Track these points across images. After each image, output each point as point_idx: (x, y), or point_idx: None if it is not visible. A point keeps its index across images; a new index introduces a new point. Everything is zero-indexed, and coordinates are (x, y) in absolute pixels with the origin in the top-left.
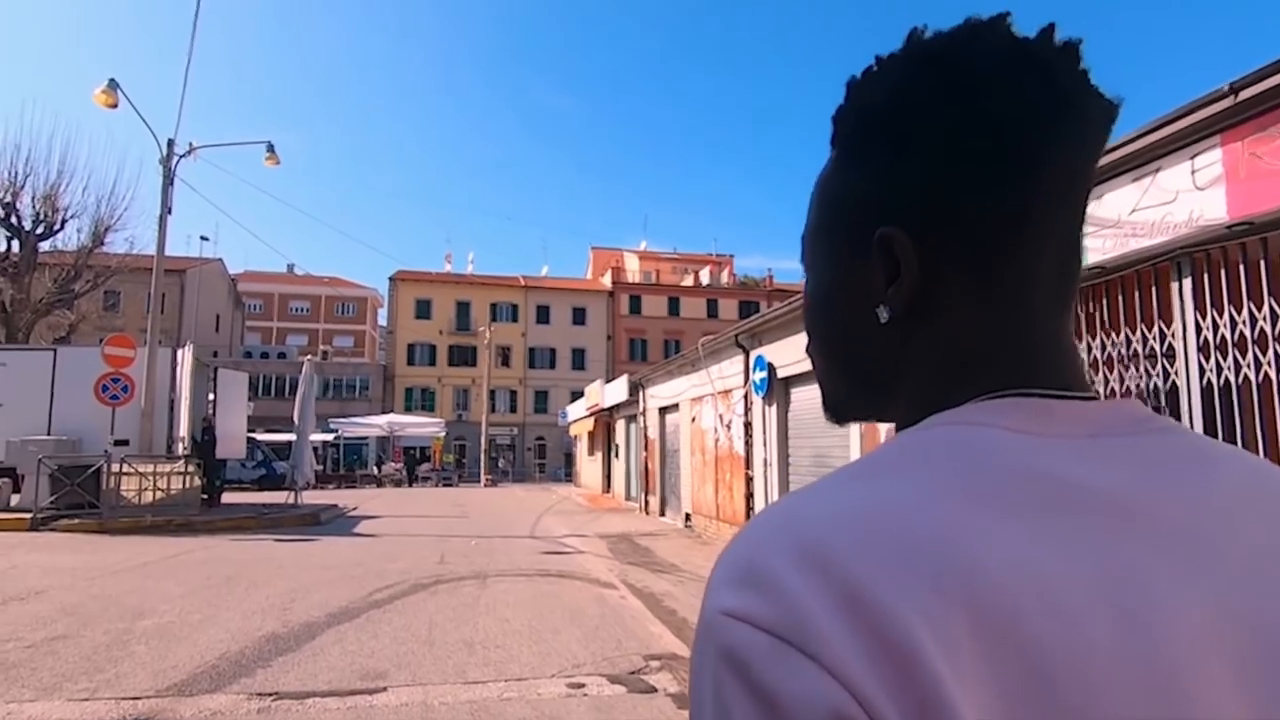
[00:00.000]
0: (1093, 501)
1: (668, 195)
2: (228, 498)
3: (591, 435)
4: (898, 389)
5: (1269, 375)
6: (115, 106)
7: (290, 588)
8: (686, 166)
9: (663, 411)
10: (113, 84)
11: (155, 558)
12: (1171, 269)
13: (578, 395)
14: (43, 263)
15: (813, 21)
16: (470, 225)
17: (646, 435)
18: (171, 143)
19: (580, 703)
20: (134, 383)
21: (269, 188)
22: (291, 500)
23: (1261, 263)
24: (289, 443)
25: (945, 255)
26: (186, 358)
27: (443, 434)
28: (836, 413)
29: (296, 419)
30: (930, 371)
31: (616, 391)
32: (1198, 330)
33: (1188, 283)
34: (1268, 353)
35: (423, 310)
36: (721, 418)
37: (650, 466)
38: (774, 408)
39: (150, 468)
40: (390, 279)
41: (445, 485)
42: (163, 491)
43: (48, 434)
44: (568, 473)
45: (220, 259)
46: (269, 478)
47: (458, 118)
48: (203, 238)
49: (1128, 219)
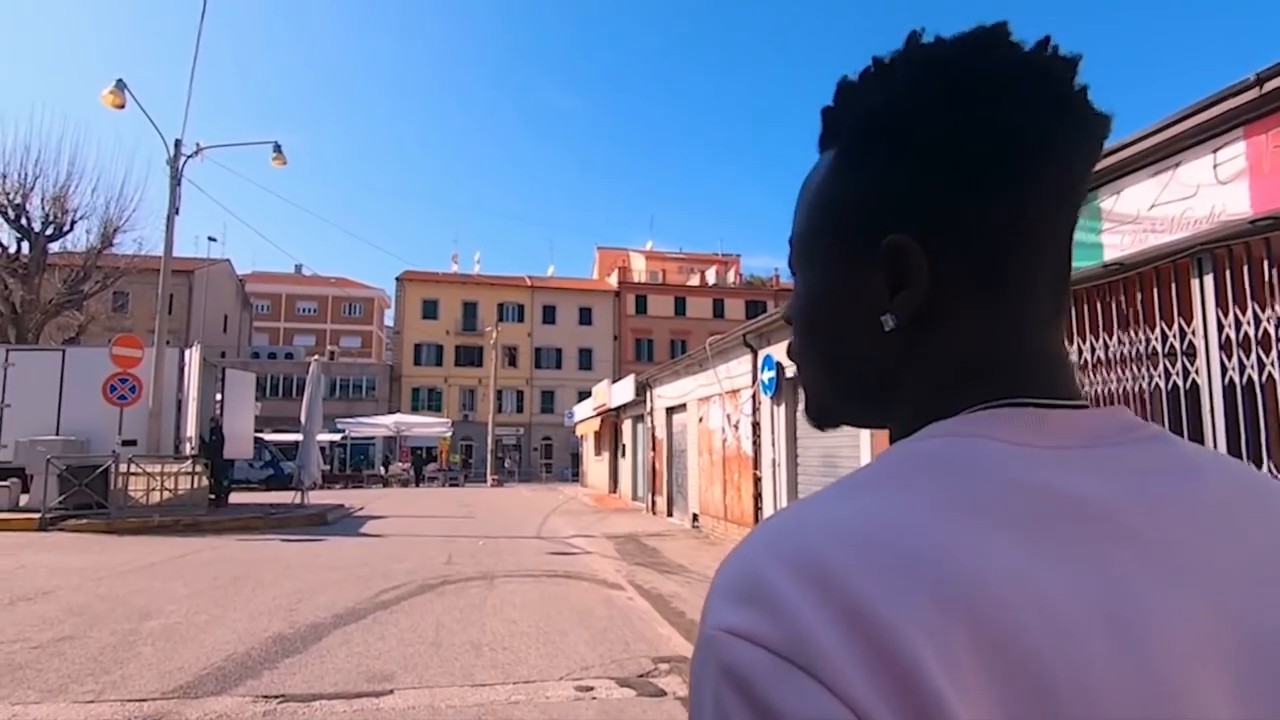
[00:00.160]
0: (1085, 513)
1: (673, 195)
2: (235, 498)
3: (598, 435)
4: (894, 397)
5: None
6: (123, 107)
7: (297, 588)
8: (691, 166)
9: (670, 411)
10: (120, 85)
11: (162, 558)
12: (1191, 265)
13: (584, 395)
14: (52, 264)
15: (812, 21)
16: (476, 225)
17: (654, 435)
18: (179, 143)
19: (589, 706)
20: (142, 383)
21: (276, 188)
22: (298, 500)
23: None
24: (296, 443)
25: (951, 263)
26: (194, 358)
27: (449, 434)
28: (821, 418)
29: (304, 419)
30: (930, 380)
31: (623, 391)
32: (1219, 328)
33: (1209, 279)
34: None
35: (429, 310)
36: (729, 418)
37: (657, 467)
38: (782, 408)
39: (158, 468)
40: (397, 279)
41: (452, 485)
42: (170, 491)
43: (56, 434)
44: (574, 473)
45: (228, 260)
46: (276, 477)
47: (463, 118)
48: (210, 238)
49: (1147, 214)
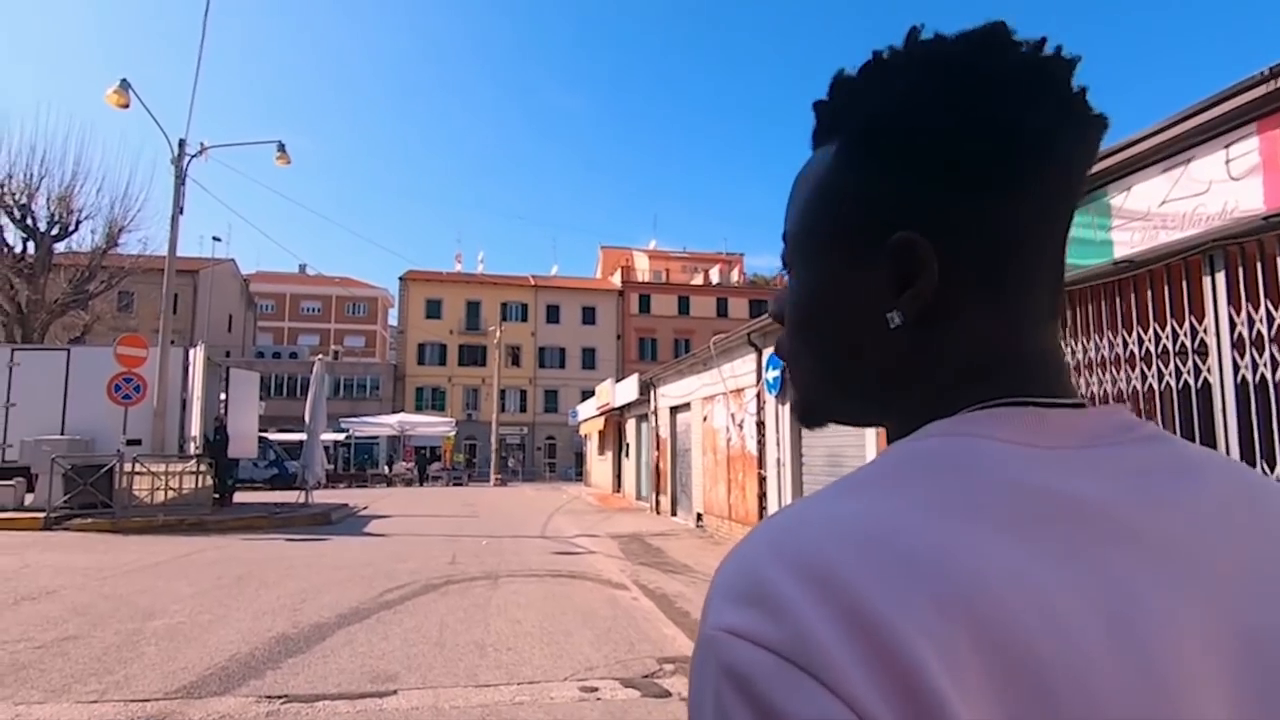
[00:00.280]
0: (1085, 514)
1: (677, 194)
2: (239, 497)
3: (602, 435)
4: (894, 396)
5: None
6: (127, 106)
7: (301, 588)
8: (695, 165)
9: (674, 411)
10: (124, 84)
11: (167, 557)
12: (1203, 262)
13: (588, 394)
14: (58, 264)
15: (813, 21)
16: (480, 225)
17: (658, 434)
18: (183, 142)
19: (594, 707)
20: (146, 382)
21: (281, 188)
22: (303, 500)
23: None
24: (300, 442)
25: (956, 261)
26: (198, 357)
27: (453, 433)
28: (811, 417)
29: (308, 418)
30: (932, 379)
31: (627, 391)
32: (1231, 325)
33: (1220, 276)
34: None
35: (433, 310)
36: (734, 417)
37: (661, 466)
38: (787, 407)
39: (162, 467)
40: (401, 279)
41: (455, 485)
42: (175, 491)
43: (61, 433)
44: (578, 472)
45: (233, 259)
46: (281, 477)
47: (467, 117)
48: (215, 238)
49: (1157, 211)
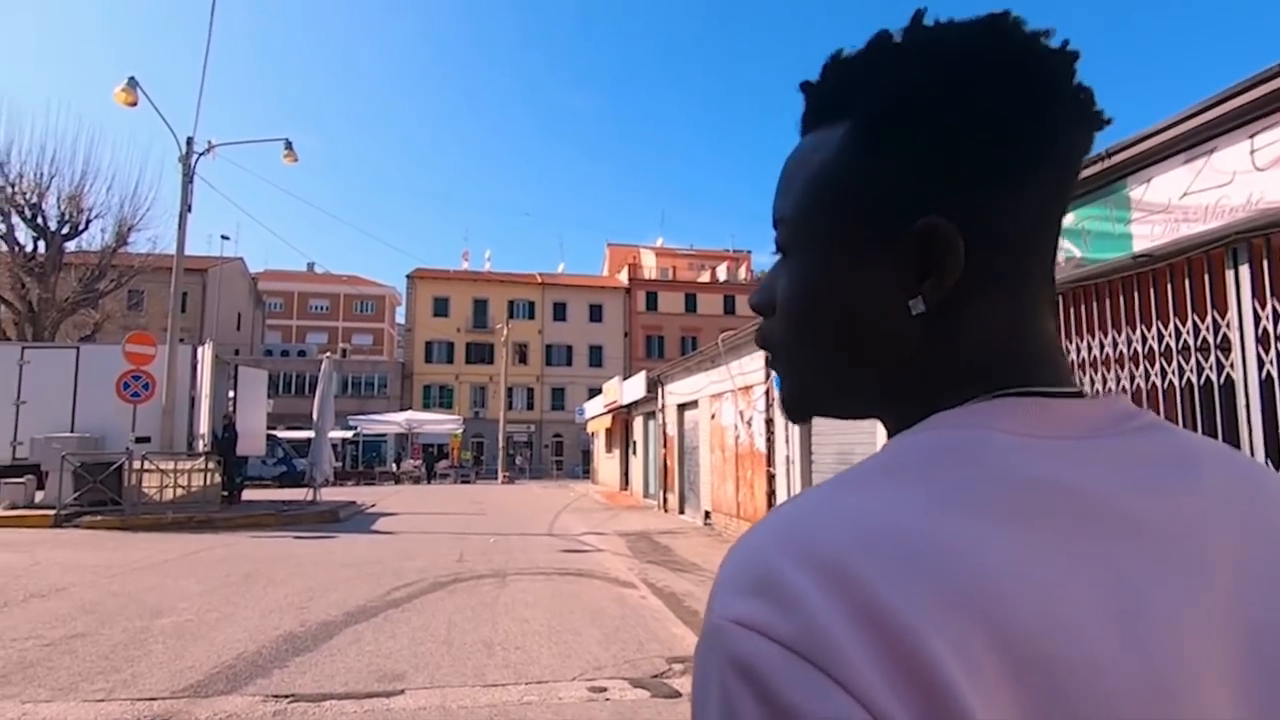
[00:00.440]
0: (1088, 507)
1: (684, 191)
2: (248, 494)
3: (609, 432)
4: (902, 386)
5: None
6: (135, 104)
7: (308, 586)
8: (701, 162)
9: (681, 408)
10: (132, 82)
11: (175, 555)
12: (1226, 255)
13: (595, 392)
14: (68, 262)
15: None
16: (487, 223)
17: (665, 432)
18: (190, 140)
19: (602, 707)
20: (155, 380)
21: (289, 187)
22: (311, 497)
23: None
24: (308, 440)
25: (976, 249)
26: (206, 355)
27: (460, 431)
28: (802, 410)
29: (316, 416)
30: (943, 369)
31: (634, 388)
32: (1256, 320)
33: (1244, 270)
34: None
35: (440, 308)
36: (742, 414)
37: (669, 464)
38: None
39: (171, 465)
40: (408, 277)
41: (463, 482)
42: (183, 488)
43: (71, 431)
44: (585, 470)
45: (241, 258)
46: (289, 475)
47: (474, 115)
48: (224, 237)
49: (1178, 203)
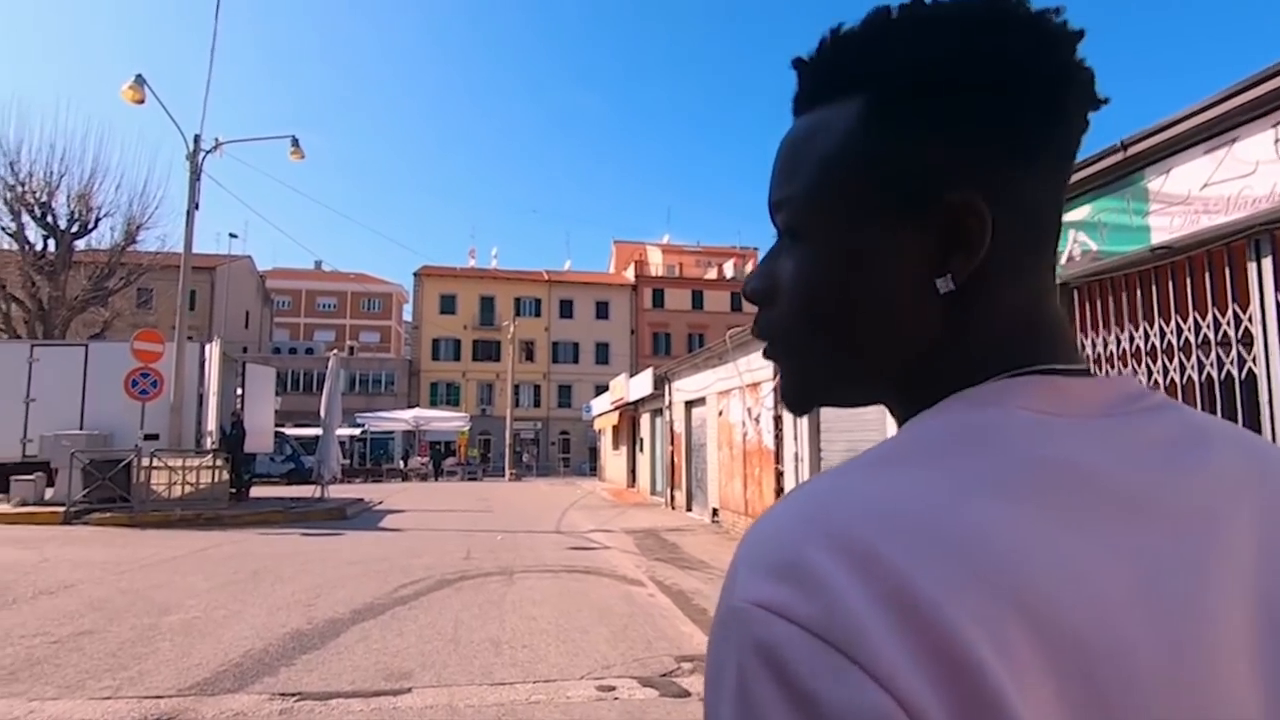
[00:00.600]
0: (1107, 488)
1: (690, 188)
2: (256, 491)
3: (616, 429)
4: (917, 368)
5: None
6: (142, 102)
7: (315, 583)
8: (707, 159)
9: (689, 405)
10: (139, 80)
11: (183, 552)
12: (1248, 247)
13: (601, 389)
14: (77, 261)
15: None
16: (494, 220)
17: (672, 429)
18: (198, 138)
19: (611, 707)
20: (163, 378)
21: (296, 184)
22: (318, 494)
23: None
24: (316, 437)
25: (1003, 227)
26: (214, 352)
27: (467, 428)
28: (806, 400)
29: (323, 413)
30: (965, 349)
31: (641, 385)
32: (1279, 313)
33: (1268, 262)
34: None
35: (447, 305)
36: (750, 411)
37: (676, 461)
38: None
39: (179, 462)
40: (415, 275)
41: (470, 479)
42: (191, 486)
43: (80, 428)
44: (592, 467)
45: (249, 256)
46: (297, 472)
47: (481, 113)
48: (232, 235)
49: (1198, 194)
